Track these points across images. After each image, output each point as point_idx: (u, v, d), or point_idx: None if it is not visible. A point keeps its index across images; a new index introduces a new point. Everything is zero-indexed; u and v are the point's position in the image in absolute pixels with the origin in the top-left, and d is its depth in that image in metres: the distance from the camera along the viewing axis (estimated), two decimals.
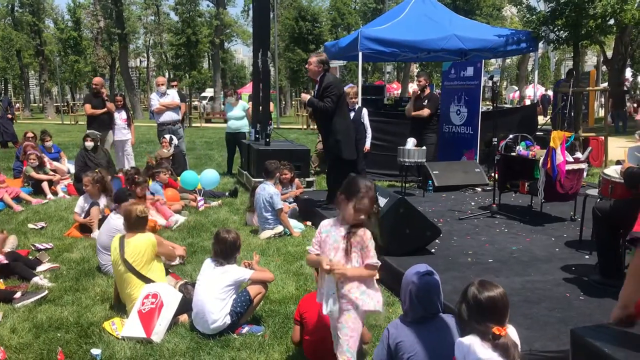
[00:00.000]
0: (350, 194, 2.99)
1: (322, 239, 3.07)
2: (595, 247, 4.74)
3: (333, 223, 3.09)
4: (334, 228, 3.06)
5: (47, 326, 4.09)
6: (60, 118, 36.65)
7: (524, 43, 11.47)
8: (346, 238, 2.99)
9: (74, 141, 17.92)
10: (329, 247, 3.02)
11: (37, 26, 43.27)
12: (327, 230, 3.07)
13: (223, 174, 10.99)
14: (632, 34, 20.93)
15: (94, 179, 6.74)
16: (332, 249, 3.00)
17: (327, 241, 3.03)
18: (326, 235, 3.05)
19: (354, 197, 2.96)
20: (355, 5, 52.33)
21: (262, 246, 6.15)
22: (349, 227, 3.00)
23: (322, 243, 3.06)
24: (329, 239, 3.03)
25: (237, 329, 3.93)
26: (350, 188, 3.01)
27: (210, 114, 35.51)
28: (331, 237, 3.03)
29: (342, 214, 3.03)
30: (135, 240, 4.34)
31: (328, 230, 3.07)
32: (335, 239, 3.02)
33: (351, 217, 2.97)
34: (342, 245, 2.99)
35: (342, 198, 3.01)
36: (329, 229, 3.07)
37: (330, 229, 3.06)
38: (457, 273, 4.68)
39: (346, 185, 3.07)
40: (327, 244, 3.03)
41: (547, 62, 60.98)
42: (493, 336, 2.44)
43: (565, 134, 6.06)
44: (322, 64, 6.98)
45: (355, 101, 8.41)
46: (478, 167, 9.18)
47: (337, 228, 3.05)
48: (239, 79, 63.31)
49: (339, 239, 3.00)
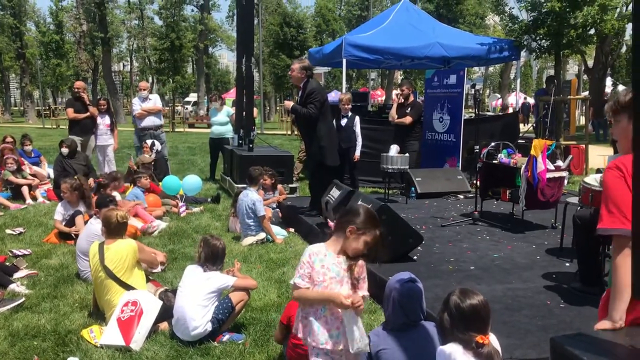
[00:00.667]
0: (364, 227, 2.71)
1: (314, 270, 2.71)
2: (575, 254, 4.78)
3: (326, 251, 2.76)
4: (330, 258, 2.74)
5: (24, 334, 4.01)
6: (42, 122, 36.24)
7: (507, 51, 11.61)
8: (348, 270, 2.73)
9: (54, 145, 17.68)
10: (329, 280, 2.71)
11: (19, 29, 42.83)
12: (321, 260, 2.73)
13: (206, 180, 10.93)
14: (612, 43, 21.29)
15: (72, 186, 6.62)
16: (335, 282, 2.71)
17: (325, 273, 2.71)
18: (321, 266, 2.72)
19: (368, 231, 2.70)
20: (340, 12, 52.57)
21: (244, 253, 6.12)
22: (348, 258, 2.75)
23: (313, 274, 2.71)
24: (327, 271, 2.71)
25: (218, 337, 3.89)
26: (364, 220, 2.72)
27: (197, 119, 35.34)
28: (332, 270, 2.72)
29: (345, 245, 2.74)
30: (115, 246, 4.27)
31: (322, 260, 2.73)
32: (336, 272, 2.72)
33: (359, 251, 2.72)
34: (347, 279, 2.73)
35: (353, 229, 2.70)
36: (323, 258, 2.73)
37: (325, 259, 2.73)
38: (439, 280, 4.69)
39: (353, 214, 2.77)
40: (325, 276, 2.71)
41: (529, 71, 61.60)
42: (476, 345, 2.44)
43: (546, 142, 6.11)
44: (304, 70, 6.97)
45: (348, 108, 8.40)
46: (460, 174, 9.23)
47: (333, 258, 2.74)
48: (223, 84, 63.20)
49: (341, 272, 2.73)
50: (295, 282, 2.74)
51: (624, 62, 43.82)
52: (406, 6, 12.03)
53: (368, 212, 2.79)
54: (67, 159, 9.04)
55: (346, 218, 2.76)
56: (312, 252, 2.75)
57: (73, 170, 8.73)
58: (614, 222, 2.29)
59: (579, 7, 11.40)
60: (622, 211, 2.22)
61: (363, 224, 2.70)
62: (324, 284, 2.70)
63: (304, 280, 2.71)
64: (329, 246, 2.78)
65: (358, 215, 2.74)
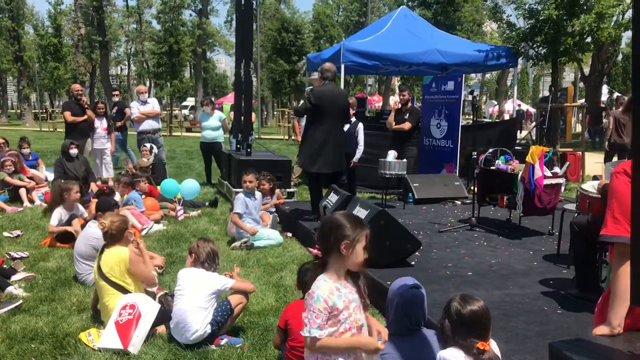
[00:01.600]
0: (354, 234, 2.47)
1: (339, 312, 2.46)
2: (572, 261, 4.80)
3: (335, 284, 2.50)
4: (344, 290, 2.50)
5: (21, 337, 4.00)
6: (39, 125, 36.18)
7: (504, 58, 11.66)
8: (359, 292, 2.55)
9: (52, 148, 17.70)
10: (353, 311, 2.51)
11: (17, 32, 42.82)
12: (339, 297, 2.47)
13: (203, 184, 10.94)
14: (608, 51, 21.38)
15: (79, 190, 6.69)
16: (357, 310, 2.53)
17: (348, 306, 2.49)
18: (343, 303, 2.47)
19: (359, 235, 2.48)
20: (338, 18, 52.71)
21: (242, 257, 6.12)
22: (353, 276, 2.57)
23: (340, 317, 2.47)
24: (349, 304, 2.49)
25: (216, 340, 3.89)
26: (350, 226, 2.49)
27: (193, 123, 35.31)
28: (353, 300, 2.52)
29: (347, 265, 2.51)
30: (111, 251, 4.27)
31: (340, 296, 2.47)
32: (354, 299, 2.53)
33: (362, 262, 2.50)
34: (359, 302, 2.56)
35: (347, 244, 2.45)
36: (340, 294, 2.48)
37: (342, 293, 2.49)
38: (437, 286, 4.70)
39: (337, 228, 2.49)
40: (349, 309, 2.49)
41: (525, 78, 61.91)
42: (478, 351, 2.45)
43: (543, 149, 6.14)
44: (320, 73, 7.19)
45: (351, 113, 8.41)
46: (458, 180, 9.26)
47: (345, 286, 2.52)
48: (221, 88, 63.27)
49: (357, 297, 2.55)
50: (316, 336, 2.44)
51: (620, 70, 44.05)
52: (404, 13, 12.09)
53: (348, 217, 2.57)
54: (67, 162, 9.04)
55: (333, 236, 2.47)
56: (326, 296, 2.44)
57: (73, 173, 8.73)
58: (619, 230, 2.28)
59: (576, 15, 11.48)
60: (629, 219, 2.20)
61: (352, 231, 2.46)
62: (350, 319, 2.49)
63: (324, 330, 2.44)
64: (332, 277, 2.51)
65: (342, 227, 2.48)
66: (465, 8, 32.72)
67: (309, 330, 2.46)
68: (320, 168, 7.09)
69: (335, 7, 53.16)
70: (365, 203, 5.73)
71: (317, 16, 49.16)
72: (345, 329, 2.49)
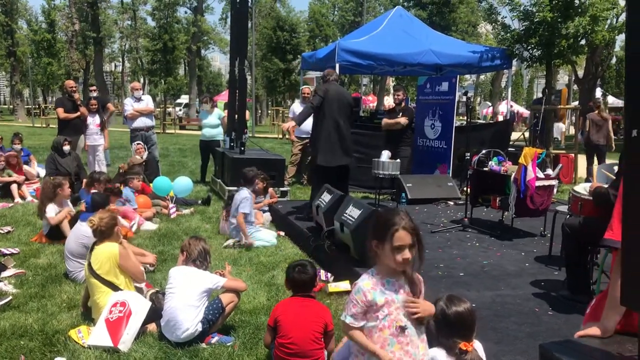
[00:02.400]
0: (380, 234, 2.50)
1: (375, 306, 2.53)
2: (564, 263, 4.81)
3: (384, 279, 2.56)
4: (390, 287, 2.55)
5: (10, 333, 3.98)
6: (31, 121, 36.00)
7: (498, 60, 11.68)
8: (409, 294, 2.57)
9: (44, 144, 17.60)
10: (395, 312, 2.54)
11: (10, 26, 42.57)
12: (382, 292, 2.54)
13: (196, 182, 10.91)
14: (602, 54, 21.47)
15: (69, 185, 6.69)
16: (400, 312, 2.55)
17: (389, 304, 2.54)
18: (386, 299, 2.54)
19: (387, 234, 2.48)
20: (333, 17, 52.68)
21: (234, 256, 6.10)
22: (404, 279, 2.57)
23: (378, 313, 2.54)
24: (391, 302, 2.54)
25: (207, 338, 3.88)
26: (377, 225, 2.53)
27: (188, 121, 35.27)
28: (396, 302, 2.55)
29: (385, 264, 2.54)
30: (101, 248, 4.26)
31: (384, 292, 2.54)
32: (399, 299, 2.56)
33: (397, 263, 2.48)
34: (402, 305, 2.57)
35: (375, 244, 2.52)
36: (383, 289, 2.55)
37: (386, 290, 2.55)
38: (429, 286, 4.69)
39: (372, 224, 2.59)
40: (390, 307, 2.54)
41: (520, 80, 62.12)
42: (460, 351, 2.46)
43: (537, 150, 6.16)
44: (321, 79, 7.31)
45: None
46: (451, 180, 9.27)
47: (393, 284, 2.56)
48: (215, 86, 63.13)
49: (402, 297, 2.56)
50: (347, 323, 2.58)
51: (614, 73, 44.32)
52: (400, 13, 12.09)
53: (382, 216, 2.59)
54: (59, 158, 9.00)
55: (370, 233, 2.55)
56: (367, 289, 2.53)
57: (65, 170, 8.68)
58: None
59: (571, 18, 11.51)
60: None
61: (379, 231, 2.50)
62: (390, 317, 2.53)
63: (358, 321, 2.56)
64: (381, 272, 2.57)
65: (374, 225, 2.55)
66: (461, 9, 32.79)
67: (345, 315, 2.61)
68: (339, 161, 7.10)
69: (330, 6, 53.14)
70: (358, 203, 5.73)
71: (313, 15, 49.13)
72: (384, 326, 2.53)
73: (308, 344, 3.32)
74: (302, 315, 3.42)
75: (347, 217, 5.49)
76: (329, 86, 7.09)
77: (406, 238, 2.46)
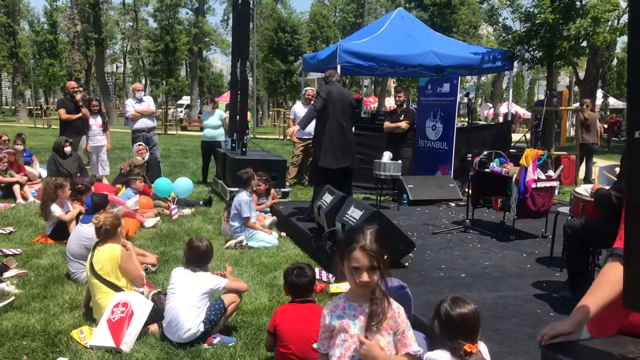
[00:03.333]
0: (342, 250, 2.31)
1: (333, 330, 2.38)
2: (565, 264, 4.81)
3: (347, 302, 2.37)
4: (350, 312, 2.34)
5: (13, 334, 3.98)
6: (33, 121, 36.02)
7: (500, 61, 11.68)
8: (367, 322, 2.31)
9: (46, 145, 17.61)
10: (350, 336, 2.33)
11: (12, 27, 42.62)
12: (341, 316, 2.35)
13: (198, 183, 10.92)
14: (603, 56, 21.47)
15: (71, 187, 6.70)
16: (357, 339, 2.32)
17: (346, 330, 2.34)
18: (341, 323, 2.35)
19: (345, 251, 2.27)
20: (334, 18, 52.71)
21: (236, 256, 6.11)
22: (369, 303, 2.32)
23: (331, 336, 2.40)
24: (348, 327, 2.34)
25: (209, 339, 3.89)
26: (343, 240, 2.36)
27: (189, 122, 35.30)
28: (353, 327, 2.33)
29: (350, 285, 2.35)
30: (103, 249, 4.27)
31: (343, 316, 2.35)
32: (358, 326, 2.33)
33: (362, 283, 2.25)
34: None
35: (338, 259, 2.32)
36: (342, 313, 2.36)
37: (346, 314, 2.35)
38: (430, 287, 4.71)
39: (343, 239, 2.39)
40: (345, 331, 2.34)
41: (521, 81, 62.07)
42: (464, 353, 2.45)
43: (538, 152, 6.16)
44: (323, 80, 7.35)
45: None
46: (452, 182, 9.27)
47: (355, 308, 2.34)
48: (217, 87, 63.15)
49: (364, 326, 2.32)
50: (315, 347, 2.52)
51: (615, 75, 44.30)
52: (401, 14, 12.09)
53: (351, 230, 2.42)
54: (60, 159, 9.01)
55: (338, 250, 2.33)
56: (326, 312, 2.40)
57: (66, 170, 8.69)
58: None
59: (572, 19, 11.51)
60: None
61: (339, 246, 2.33)
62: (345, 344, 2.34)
63: (323, 346, 2.44)
64: (349, 294, 2.39)
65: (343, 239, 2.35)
66: (462, 11, 32.80)
67: (317, 342, 2.51)
68: (341, 163, 7.09)
69: (331, 7, 53.18)
70: (359, 204, 5.74)
71: (314, 16, 49.16)
72: (341, 354, 2.36)
73: (309, 353, 3.30)
74: (301, 322, 3.39)
75: (349, 218, 5.50)
76: (331, 87, 7.09)
77: (362, 259, 2.22)
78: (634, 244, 1.99)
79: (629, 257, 2.04)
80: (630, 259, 2.04)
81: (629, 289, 2.07)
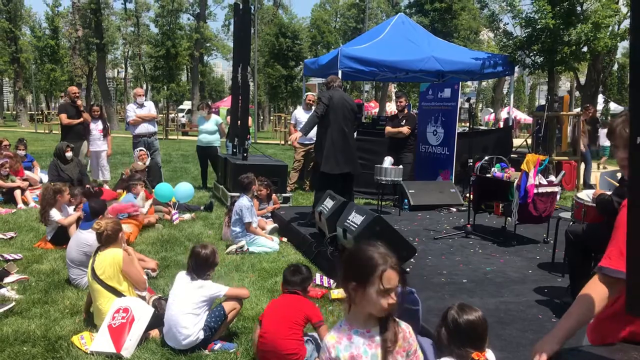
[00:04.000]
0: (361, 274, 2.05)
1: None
2: (567, 269, 4.80)
3: (351, 330, 2.12)
4: (358, 339, 2.11)
5: (13, 339, 3.98)
6: (34, 127, 36.07)
7: (500, 67, 11.69)
8: (383, 347, 2.10)
9: (47, 150, 17.63)
10: None
11: (14, 33, 42.71)
12: (347, 346, 2.10)
13: (198, 188, 10.91)
14: (604, 61, 21.47)
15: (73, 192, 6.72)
16: None
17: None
18: (350, 354, 2.09)
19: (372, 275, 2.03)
20: (335, 24, 52.80)
21: (237, 261, 6.10)
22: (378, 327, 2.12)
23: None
24: (358, 358, 2.10)
25: (210, 345, 3.88)
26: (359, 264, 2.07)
27: (190, 127, 35.31)
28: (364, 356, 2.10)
29: (363, 310, 2.09)
30: (104, 253, 4.28)
31: (349, 346, 2.10)
32: (369, 354, 2.11)
33: (382, 309, 2.04)
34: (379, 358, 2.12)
35: (354, 286, 2.06)
36: (349, 343, 2.11)
37: (353, 344, 2.11)
38: (432, 293, 4.69)
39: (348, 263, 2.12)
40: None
41: (522, 86, 62.12)
42: None
43: (539, 157, 6.16)
44: (324, 86, 7.34)
45: None
46: (453, 187, 9.27)
47: (362, 335, 2.12)
48: (218, 92, 63.31)
49: (376, 352, 2.11)
50: None
51: (616, 80, 44.29)
52: (402, 20, 12.12)
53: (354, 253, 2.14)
54: (61, 164, 9.02)
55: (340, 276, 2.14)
56: (330, 345, 2.11)
57: (67, 176, 8.69)
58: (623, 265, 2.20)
59: (573, 25, 11.52)
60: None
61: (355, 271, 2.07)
62: None
63: None
64: (350, 322, 2.15)
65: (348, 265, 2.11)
66: (463, 16, 32.85)
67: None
68: (342, 168, 7.09)
69: (332, 13, 53.27)
70: (361, 209, 5.73)
71: (315, 22, 49.24)
72: None
73: (280, 334, 3.42)
74: (281, 308, 3.58)
75: (350, 223, 5.49)
76: (332, 93, 7.09)
77: (395, 279, 2.05)
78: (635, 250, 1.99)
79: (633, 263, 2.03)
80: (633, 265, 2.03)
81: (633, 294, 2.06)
